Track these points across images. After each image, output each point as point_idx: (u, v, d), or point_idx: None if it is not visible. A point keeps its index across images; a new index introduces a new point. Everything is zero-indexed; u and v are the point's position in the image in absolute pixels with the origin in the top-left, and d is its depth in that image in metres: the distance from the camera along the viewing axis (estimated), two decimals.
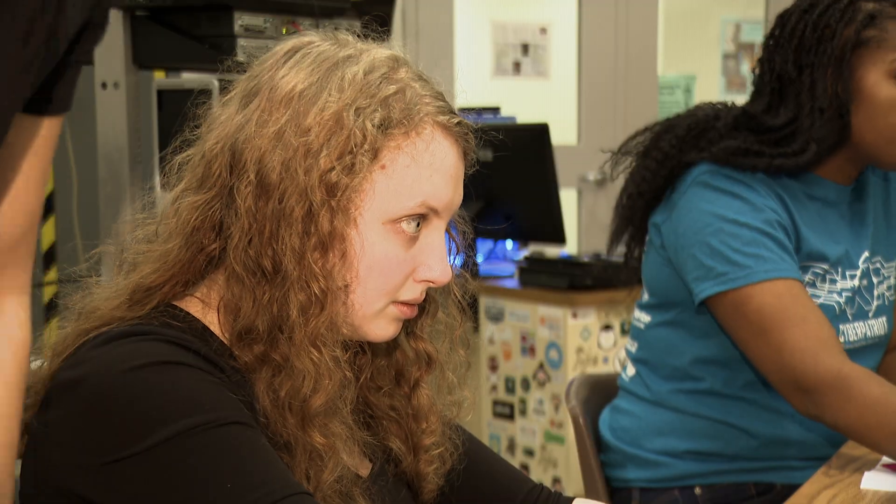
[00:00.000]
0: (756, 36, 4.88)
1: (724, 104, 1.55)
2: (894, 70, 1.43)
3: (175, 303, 0.89)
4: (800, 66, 1.45)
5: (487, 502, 1.04)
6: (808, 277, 1.46)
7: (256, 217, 0.85)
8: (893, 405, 1.28)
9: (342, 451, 0.87)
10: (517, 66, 4.22)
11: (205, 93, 0.94)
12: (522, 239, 3.16)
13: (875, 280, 1.54)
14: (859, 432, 1.32)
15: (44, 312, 3.32)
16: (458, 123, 0.90)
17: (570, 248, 3.25)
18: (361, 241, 0.86)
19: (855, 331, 1.50)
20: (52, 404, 0.83)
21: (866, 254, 1.53)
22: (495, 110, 3.46)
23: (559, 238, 2.92)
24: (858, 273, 1.50)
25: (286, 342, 0.85)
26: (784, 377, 1.37)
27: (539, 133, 2.87)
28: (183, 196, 0.89)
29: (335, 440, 0.86)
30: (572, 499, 1.06)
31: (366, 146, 0.85)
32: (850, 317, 1.49)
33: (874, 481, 1.26)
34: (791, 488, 1.46)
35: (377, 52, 0.90)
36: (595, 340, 2.76)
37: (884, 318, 1.55)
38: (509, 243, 3.25)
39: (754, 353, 1.41)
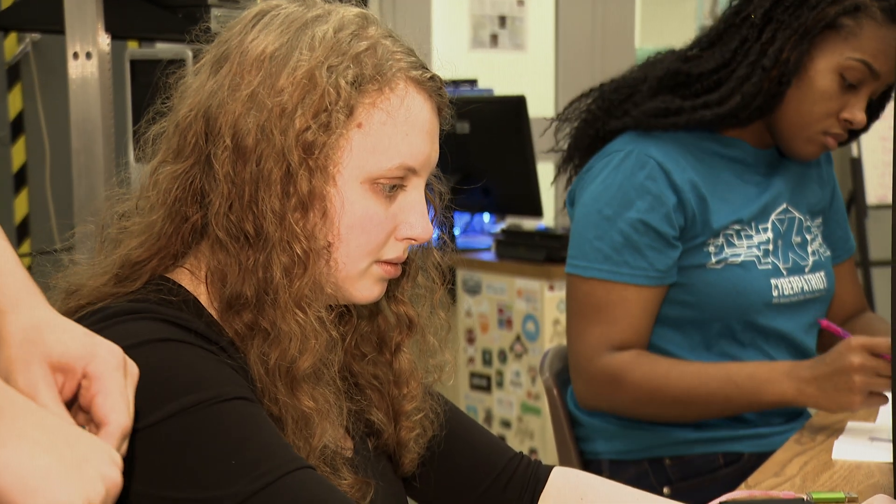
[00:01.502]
0: None
1: (657, 59, 1.57)
2: (845, 67, 1.45)
3: (166, 275, 0.88)
4: (769, 17, 1.46)
5: (468, 471, 1.04)
6: (720, 240, 1.50)
7: (235, 182, 0.85)
8: (653, 379, 1.43)
9: (329, 417, 0.88)
10: (494, 39, 4.20)
11: (176, 63, 0.92)
12: (499, 212, 3.16)
13: (808, 237, 1.59)
14: (637, 411, 1.48)
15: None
16: (431, 78, 0.91)
17: (547, 220, 3.26)
18: (342, 200, 0.86)
19: (791, 285, 1.54)
20: None
21: (783, 206, 1.57)
22: (472, 83, 3.44)
23: (536, 211, 2.92)
24: (769, 226, 1.54)
25: (271, 305, 0.85)
26: (572, 363, 1.50)
27: (516, 105, 2.86)
28: (160, 168, 0.88)
29: (322, 405, 0.87)
30: (552, 467, 1.07)
31: (340, 103, 0.85)
32: (784, 272, 1.53)
33: (845, 451, 1.28)
34: (758, 457, 1.49)
35: (345, 11, 0.90)
36: None
37: (821, 273, 1.59)
38: (486, 216, 3.25)
39: (567, 333, 1.52)
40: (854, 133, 1.57)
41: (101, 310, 0.83)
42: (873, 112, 1.57)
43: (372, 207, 0.88)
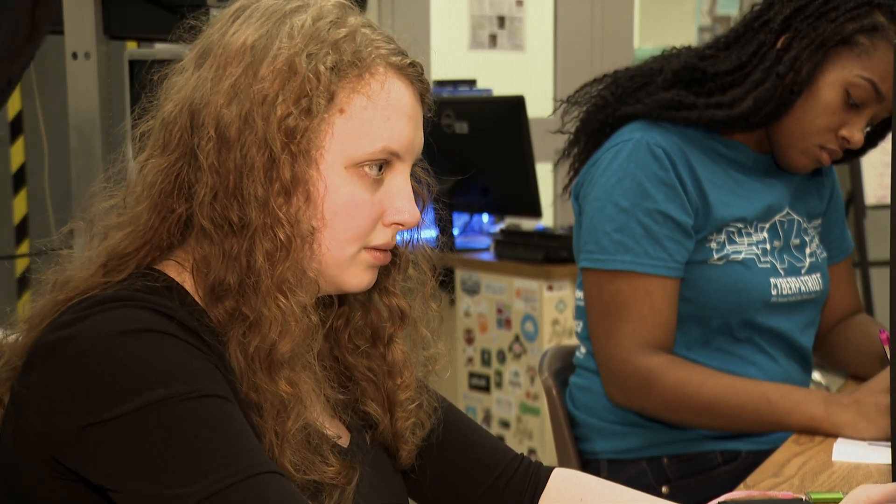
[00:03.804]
0: (732, 9, 4.89)
1: (675, 53, 1.57)
2: (852, 83, 1.46)
3: (153, 266, 0.89)
4: (787, 25, 1.47)
5: (468, 471, 1.04)
6: (722, 237, 1.51)
7: (220, 171, 0.86)
8: (686, 390, 1.43)
9: (308, 401, 0.88)
10: (493, 39, 4.20)
11: (175, 62, 0.93)
12: (498, 212, 3.16)
13: (807, 239, 1.60)
14: (666, 415, 1.48)
15: (17, 285, 3.29)
16: (411, 64, 0.92)
17: (546, 220, 3.25)
18: (325, 184, 0.87)
19: (789, 285, 1.55)
20: (34, 367, 0.82)
21: (786, 210, 1.58)
22: (471, 83, 3.44)
23: (535, 211, 2.92)
24: (767, 226, 1.55)
25: (253, 291, 0.86)
26: (603, 362, 1.49)
27: (515, 106, 2.86)
28: (147, 163, 0.89)
29: (300, 389, 0.87)
30: (552, 468, 1.07)
31: (321, 88, 0.86)
32: (781, 272, 1.54)
33: (844, 453, 1.28)
34: (756, 455, 1.50)
35: (324, 2, 0.91)
36: (570, 312, 2.78)
37: (818, 275, 1.60)
38: (485, 216, 3.25)
39: (593, 331, 1.50)
40: (848, 154, 1.57)
41: (87, 298, 0.84)
42: (873, 140, 1.57)
43: (357, 193, 0.88)
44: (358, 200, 0.88)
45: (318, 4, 0.90)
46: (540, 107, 3.85)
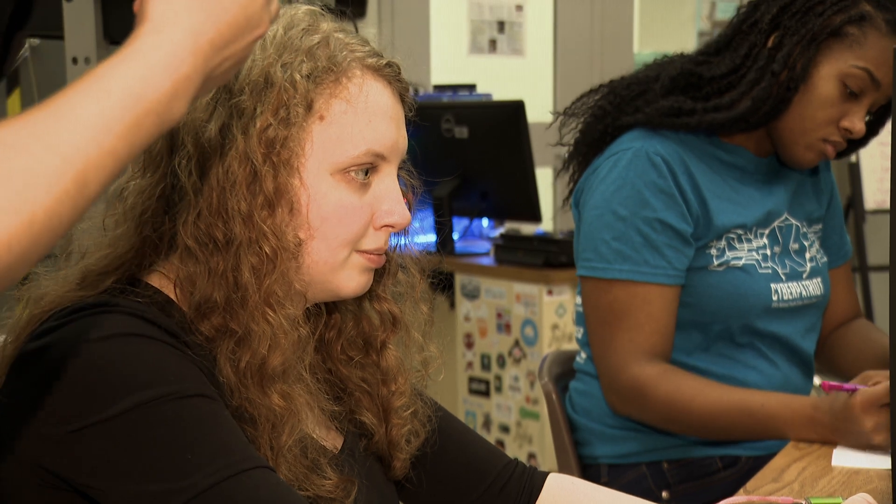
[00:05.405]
0: (731, 14, 4.89)
1: (670, 60, 1.58)
2: (848, 74, 1.46)
3: (137, 277, 0.89)
4: (776, 24, 1.47)
5: (462, 476, 1.04)
6: (722, 243, 1.51)
7: (201, 189, 0.85)
8: (677, 402, 1.43)
9: (302, 414, 0.88)
10: (493, 44, 4.20)
11: None
12: (498, 216, 3.16)
13: (806, 244, 1.60)
14: (661, 425, 1.49)
15: (17, 286, 3.29)
16: (387, 64, 0.91)
17: (546, 225, 3.26)
18: (309, 194, 0.87)
19: (790, 290, 1.55)
20: (16, 374, 0.82)
21: (784, 216, 1.58)
22: (471, 88, 3.45)
23: (535, 216, 2.92)
24: (767, 232, 1.55)
25: (241, 307, 0.85)
26: (602, 370, 1.50)
27: (515, 110, 2.87)
28: (128, 185, 0.89)
29: (294, 402, 0.87)
30: (547, 474, 1.07)
31: (298, 97, 0.86)
32: (783, 277, 1.54)
33: (844, 458, 1.28)
34: (756, 460, 1.50)
35: (295, 10, 0.91)
36: (570, 317, 2.78)
37: (818, 280, 1.60)
38: (485, 221, 3.25)
39: (592, 339, 1.51)
40: (852, 145, 1.58)
41: (66, 307, 0.84)
42: (873, 128, 1.58)
43: (346, 197, 0.88)
44: (347, 205, 0.88)
45: (289, 14, 0.90)
46: (539, 112, 3.85)
